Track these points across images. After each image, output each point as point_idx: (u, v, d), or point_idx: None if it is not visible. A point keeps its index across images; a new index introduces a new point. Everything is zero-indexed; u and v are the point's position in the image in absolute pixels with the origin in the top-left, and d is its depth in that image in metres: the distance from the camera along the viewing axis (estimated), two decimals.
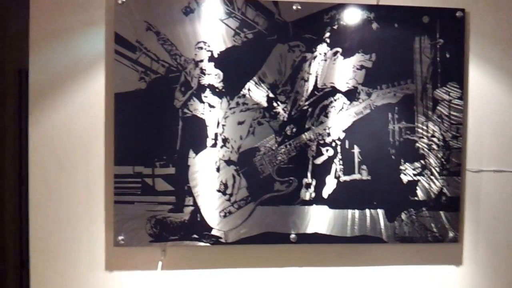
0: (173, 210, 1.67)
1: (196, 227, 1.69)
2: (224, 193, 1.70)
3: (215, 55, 1.68)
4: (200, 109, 1.68)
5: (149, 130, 1.66)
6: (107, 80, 1.66)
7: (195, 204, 1.68)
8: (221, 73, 1.68)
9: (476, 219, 1.87)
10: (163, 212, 1.67)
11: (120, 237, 1.65)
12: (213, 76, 1.68)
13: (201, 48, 1.67)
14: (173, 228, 1.68)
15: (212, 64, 1.68)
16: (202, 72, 1.67)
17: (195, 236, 1.69)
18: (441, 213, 1.81)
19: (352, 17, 1.74)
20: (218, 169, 1.70)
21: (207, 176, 1.69)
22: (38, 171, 1.64)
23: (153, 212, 1.66)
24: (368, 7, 1.75)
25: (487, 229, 1.88)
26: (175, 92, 1.67)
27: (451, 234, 1.82)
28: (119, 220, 1.65)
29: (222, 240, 1.70)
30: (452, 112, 1.80)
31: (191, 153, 1.68)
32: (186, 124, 1.67)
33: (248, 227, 1.71)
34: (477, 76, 1.86)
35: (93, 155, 1.67)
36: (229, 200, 1.70)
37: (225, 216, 1.70)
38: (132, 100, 1.64)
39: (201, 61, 1.67)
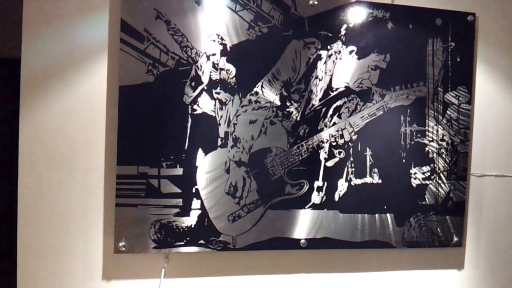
0: (179, 213, 1.72)
1: (203, 232, 1.74)
2: (233, 196, 1.76)
3: (228, 49, 1.73)
4: (210, 106, 1.73)
5: (156, 128, 1.69)
6: (110, 71, 1.67)
7: (202, 207, 1.74)
8: (233, 68, 1.74)
9: (478, 223, 2.07)
10: (169, 216, 1.71)
11: (121, 243, 1.67)
12: (225, 71, 1.73)
13: (214, 40, 1.72)
14: (179, 233, 1.72)
15: (225, 58, 1.74)
16: (214, 66, 1.73)
17: (201, 241, 1.74)
18: (447, 217, 1.98)
19: (368, 15, 1.86)
20: (228, 171, 1.76)
21: (216, 178, 1.75)
22: (29, 169, 1.64)
23: (157, 216, 1.70)
24: (384, 6, 1.88)
25: (488, 233, 2.08)
26: (184, 87, 1.70)
27: (455, 239, 2.00)
28: (120, 225, 1.67)
29: (230, 246, 1.77)
30: (460, 117, 1.98)
31: (200, 153, 1.73)
32: (196, 121, 1.72)
33: (257, 232, 1.79)
34: (483, 81, 2.05)
35: (92, 153, 1.68)
36: (238, 203, 1.77)
37: (234, 220, 1.77)
38: (138, 94, 1.67)
39: (213, 54, 1.73)
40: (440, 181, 1.98)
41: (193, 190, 1.73)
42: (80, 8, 1.65)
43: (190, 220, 1.73)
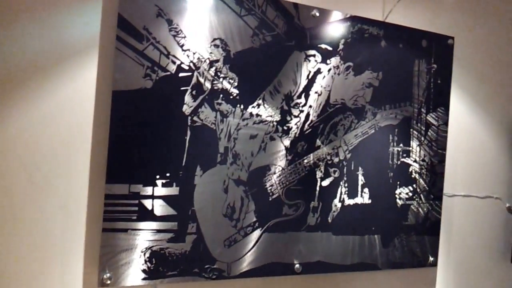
0: (173, 239, 1.68)
1: (198, 260, 1.73)
2: (231, 218, 1.78)
3: (232, 56, 1.75)
4: (211, 118, 1.73)
5: (152, 140, 1.63)
6: (101, 73, 1.60)
7: (198, 231, 1.72)
8: (236, 78, 1.76)
9: (448, 242, 2.33)
10: (162, 242, 1.67)
11: (107, 275, 1.59)
12: (227, 80, 1.74)
13: (217, 46, 1.73)
14: (172, 262, 1.69)
15: (228, 66, 1.75)
16: (217, 74, 1.73)
17: (196, 270, 1.72)
18: (426, 237, 2.21)
19: (363, 32, 2.02)
20: (226, 190, 1.77)
21: (214, 198, 1.75)
22: None
23: (149, 242, 1.65)
24: (378, 24, 2.07)
25: (457, 253, 2.36)
26: (185, 95, 1.68)
27: (431, 258, 2.24)
28: (107, 253, 1.59)
29: (225, 274, 1.77)
30: (439, 138, 2.24)
31: (198, 170, 1.71)
32: (195, 134, 1.71)
33: (253, 258, 1.83)
34: (456, 104, 2.33)
35: (76, 169, 1.57)
36: (235, 226, 1.79)
37: (230, 245, 1.78)
38: (134, 101, 1.61)
39: (216, 61, 1.73)
40: (420, 202, 2.20)
41: (189, 212, 1.70)
42: None
43: (185, 246, 1.70)
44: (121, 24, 1.59)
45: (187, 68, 1.70)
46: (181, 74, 1.69)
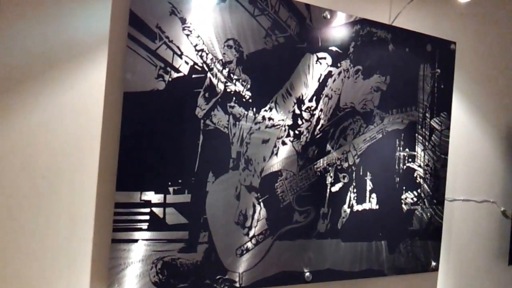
0: (185, 249, 1.59)
1: (210, 270, 1.65)
2: (243, 226, 1.70)
3: (245, 57, 1.67)
4: (224, 122, 1.64)
5: (164, 145, 1.54)
6: (111, 73, 1.48)
7: (210, 240, 1.64)
8: (249, 80, 1.68)
9: (448, 246, 2.32)
10: (173, 252, 1.57)
11: None
12: (240, 82, 1.66)
13: (231, 46, 1.65)
14: (183, 272, 1.60)
15: (241, 68, 1.67)
16: (230, 76, 1.65)
17: (207, 281, 1.63)
18: (429, 242, 2.18)
19: (372, 35, 1.97)
20: (238, 197, 1.68)
21: (226, 206, 1.66)
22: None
23: (160, 253, 1.55)
24: (386, 27, 2.02)
25: (456, 256, 2.35)
26: (198, 97, 1.59)
27: (433, 263, 2.21)
28: (116, 265, 1.48)
29: (237, 285, 1.69)
30: (441, 142, 2.21)
31: (211, 177, 1.62)
32: (208, 139, 1.62)
33: (264, 267, 1.76)
34: (457, 109, 2.32)
35: (82, 176, 1.45)
36: (247, 234, 1.71)
37: (242, 254, 1.70)
38: (146, 103, 1.52)
39: (230, 62, 1.66)
40: (424, 206, 2.17)
41: (201, 220, 1.61)
42: None
43: (196, 256, 1.61)
44: (133, 22, 1.49)
45: (200, 69, 1.60)
46: (194, 76, 1.60)
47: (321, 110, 1.87)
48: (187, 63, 1.58)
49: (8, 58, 1.34)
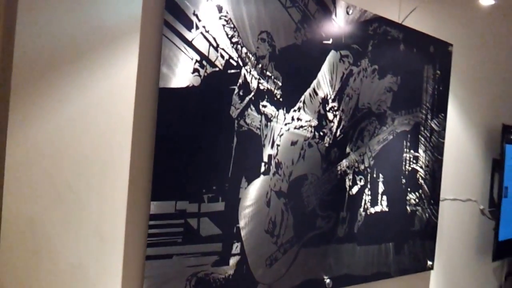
0: (218, 262, 1.43)
1: (241, 284, 1.49)
2: (272, 235, 1.57)
3: (277, 52, 1.53)
4: (256, 122, 1.49)
5: (199, 148, 1.35)
6: (143, 66, 1.26)
7: (242, 251, 1.49)
8: (280, 77, 1.54)
9: (440, 245, 2.33)
10: (207, 267, 1.41)
11: None
12: (272, 80, 1.52)
13: (264, 40, 1.51)
14: None
15: (273, 63, 1.53)
16: (263, 72, 1.49)
17: None
18: (426, 242, 2.17)
19: (387, 33, 1.92)
20: (268, 203, 1.54)
21: (257, 213, 1.52)
22: (17, 207, 1.09)
23: (194, 268, 1.38)
24: (398, 26, 1.96)
25: (446, 254, 2.37)
26: (232, 95, 1.42)
27: (429, 262, 2.21)
28: (150, 285, 1.27)
29: None
30: (438, 143, 2.21)
31: (243, 182, 1.46)
32: (241, 141, 1.47)
33: (290, 276, 1.66)
34: (450, 110, 2.32)
35: (112, 184, 1.23)
36: (276, 243, 1.58)
37: (271, 264, 1.57)
38: (181, 101, 1.31)
39: (263, 57, 1.51)
40: (424, 207, 2.16)
41: (234, 230, 1.45)
42: None
43: (229, 270, 1.45)
44: (169, 6, 1.28)
45: (235, 64, 1.43)
46: (229, 71, 1.42)
47: (342, 110, 1.77)
48: (222, 56, 1.40)
49: (32, 47, 1.09)
